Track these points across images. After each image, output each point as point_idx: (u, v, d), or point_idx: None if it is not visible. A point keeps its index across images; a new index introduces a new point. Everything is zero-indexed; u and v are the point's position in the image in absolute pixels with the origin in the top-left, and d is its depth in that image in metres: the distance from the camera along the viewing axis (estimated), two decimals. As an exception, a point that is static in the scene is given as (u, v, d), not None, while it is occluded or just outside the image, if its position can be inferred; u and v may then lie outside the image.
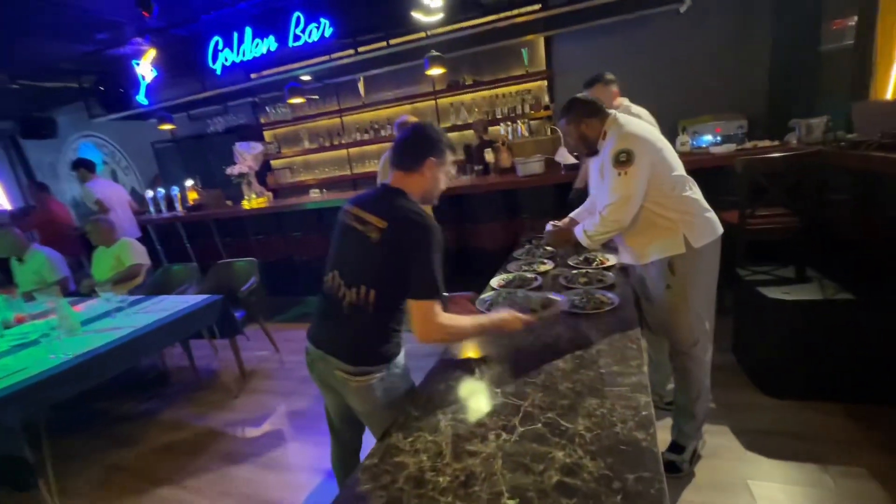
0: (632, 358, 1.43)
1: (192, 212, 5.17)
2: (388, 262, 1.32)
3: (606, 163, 1.78)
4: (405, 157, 1.44)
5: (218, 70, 4.82)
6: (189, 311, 2.70)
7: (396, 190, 1.43)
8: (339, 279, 1.40)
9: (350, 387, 1.39)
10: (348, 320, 1.37)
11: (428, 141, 1.44)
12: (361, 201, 1.45)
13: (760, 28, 4.52)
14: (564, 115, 1.91)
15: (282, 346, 3.77)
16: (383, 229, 1.33)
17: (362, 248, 1.36)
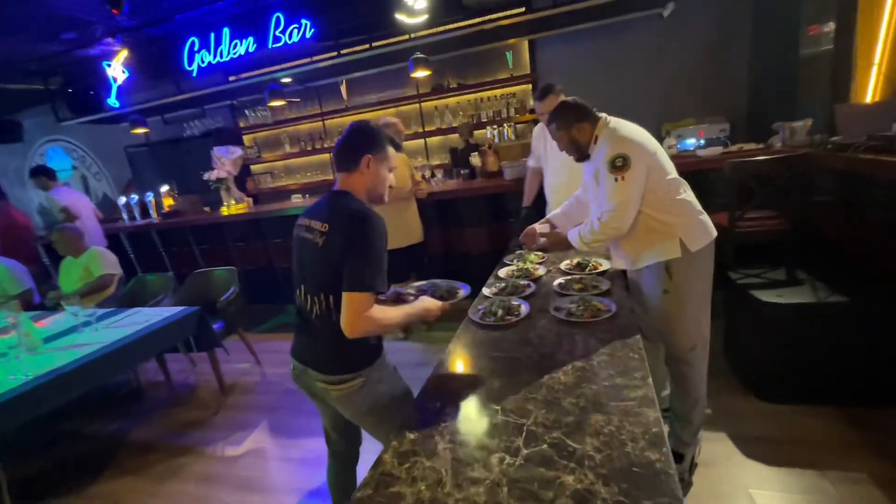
0: (635, 369, 1.37)
1: (167, 218, 4.97)
2: (334, 263, 1.31)
3: (601, 168, 1.74)
4: (343, 157, 1.44)
5: (194, 72, 4.65)
6: (163, 324, 2.55)
7: (341, 192, 1.43)
8: (305, 293, 1.42)
9: (332, 396, 1.41)
10: (319, 331, 1.39)
11: (363, 137, 1.43)
12: (310, 211, 1.46)
13: (740, 33, 4.60)
14: (554, 119, 1.89)
15: (263, 357, 3.63)
16: (325, 232, 1.34)
17: (314, 256, 1.36)
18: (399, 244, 3.44)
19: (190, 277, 3.49)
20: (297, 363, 1.50)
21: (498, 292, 2.12)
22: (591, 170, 1.93)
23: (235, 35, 4.41)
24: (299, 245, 1.45)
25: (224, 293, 3.29)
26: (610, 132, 1.77)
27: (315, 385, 1.44)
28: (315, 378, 1.42)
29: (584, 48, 5.03)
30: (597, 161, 1.78)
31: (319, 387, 1.42)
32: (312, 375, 1.43)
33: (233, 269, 3.44)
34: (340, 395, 1.39)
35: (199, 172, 5.05)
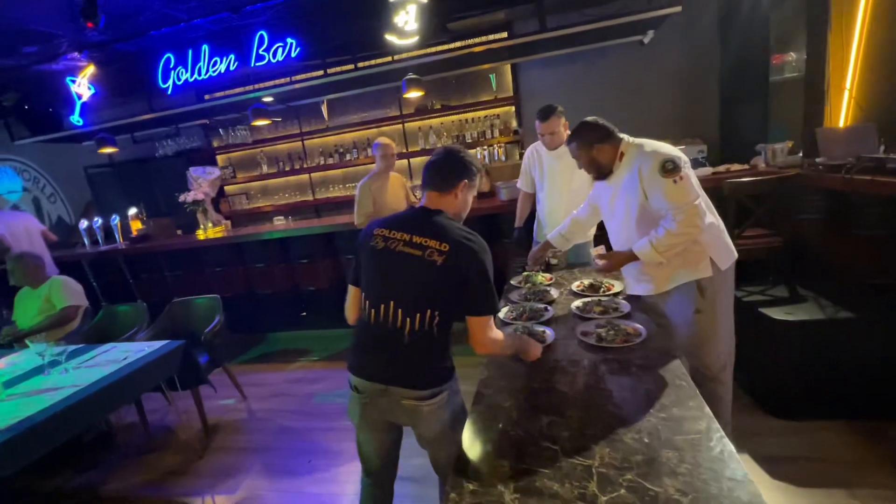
0: (688, 397, 1.32)
1: (135, 243, 4.64)
2: (451, 283, 1.35)
3: (652, 179, 1.71)
4: (439, 178, 1.47)
5: (169, 89, 4.43)
6: (146, 361, 2.30)
7: (437, 211, 1.46)
8: (396, 309, 1.38)
9: (422, 413, 1.40)
10: (411, 347, 1.38)
11: (462, 164, 1.49)
12: (404, 225, 1.44)
13: (711, 60, 4.85)
14: (574, 138, 1.92)
15: (249, 391, 3.38)
16: (447, 252, 1.35)
17: (424, 274, 1.36)
18: None
19: (168, 308, 3.22)
20: (371, 385, 1.42)
21: (516, 317, 2.05)
22: (611, 192, 1.92)
23: (215, 52, 4.25)
24: (395, 260, 1.40)
25: (207, 323, 3.05)
26: (639, 146, 1.80)
27: (401, 405, 1.40)
28: (403, 396, 1.39)
29: (566, 72, 5.17)
30: (635, 177, 1.76)
31: (408, 406, 1.39)
32: (397, 394, 1.39)
33: (216, 297, 3.21)
34: (432, 409, 1.39)
35: (171, 194, 4.78)
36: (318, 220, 5.09)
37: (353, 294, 1.54)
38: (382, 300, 1.40)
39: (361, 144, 5.85)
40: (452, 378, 1.46)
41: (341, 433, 2.63)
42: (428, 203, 1.48)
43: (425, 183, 1.51)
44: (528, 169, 2.95)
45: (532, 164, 2.92)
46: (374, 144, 3.41)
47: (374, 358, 1.42)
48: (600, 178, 1.93)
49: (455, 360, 1.48)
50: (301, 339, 4.33)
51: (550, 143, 2.71)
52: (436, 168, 1.49)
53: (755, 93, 4.27)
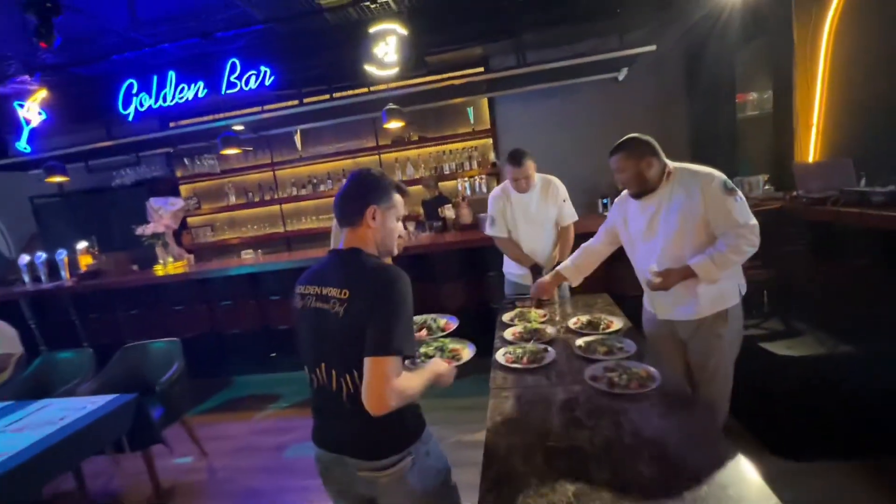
0: (728, 457, 1.18)
1: (84, 280, 4.22)
2: (356, 330, 1.15)
3: (711, 195, 1.74)
4: (345, 210, 1.30)
5: (130, 115, 4.16)
6: (89, 421, 1.97)
7: (350, 251, 1.27)
8: (329, 370, 1.22)
9: (381, 484, 1.22)
10: (353, 413, 1.18)
11: (366, 187, 1.30)
12: (316, 276, 1.29)
13: (679, 98, 5.06)
14: (622, 150, 1.87)
15: (209, 446, 3.00)
16: (346, 299, 1.18)
17: (336, 329, 1.18)
18: None
19: (119, 354, 2.87)
20: (325, 453, 1.27)
21: (515, 360, 1.89)
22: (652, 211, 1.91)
23: (183, 79, 4.05)
24: (313, 318, 1.23)
25: (164, 370, 2.72)
26: (686, 168, 1.85)
27: (355, 476, 1.23)
28: (356, 467, 1.22)
29: (543, 106, 5.26)
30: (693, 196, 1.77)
31: (363, 476, 1.22)
32: (351, 464, 1.22)
33: (175, 342, 2.89)
34: (390, 480, 1.21)
35: (128, 226, 4.42)
36: (289, 254, 4.83)
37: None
38: (315, 363, 1.24)
39: (336, 175, 5.70)
40: (418, 440, 1.26)
41: (317, 493, 2.32)
42: (345, 243, 1.28)
43: (337, 221, 1.32)
44: (501, 214, 2.77)
45: (503, 207, 2.77)
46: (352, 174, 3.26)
47: (325, 424, 1.29)
48: (641, 194, 1.88)
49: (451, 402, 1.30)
50: (270, 382, 3.98)
51: (525, 186, 2.64)
52: (339, 200, 1.30)
53: (724, 129, 4.44)
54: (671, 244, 1.85)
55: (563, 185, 2.79)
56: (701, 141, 4.93)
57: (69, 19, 3.01)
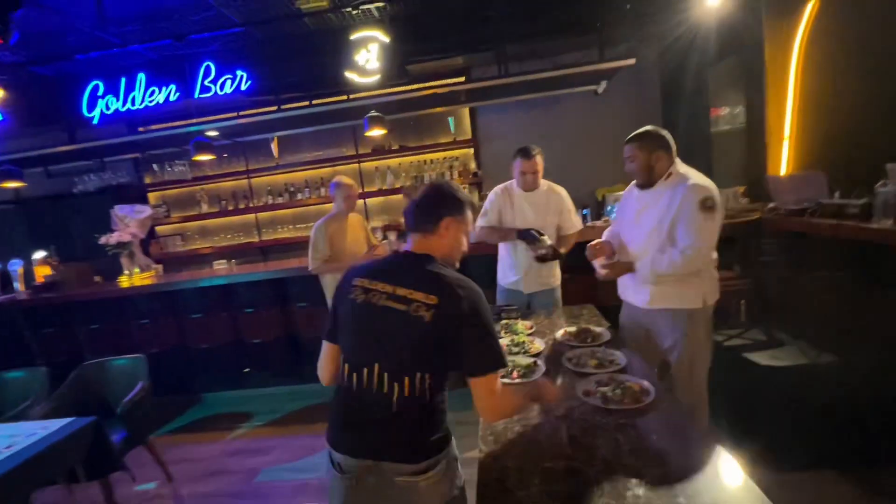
0: (731, 476, 1.14)
1: (41, 292, 3.95)
2: (443, 341, 1.17)
3: (690, 206, 1.84)
4: (421, 218, 1.31)
5: (95, 118, 3.95)
6: (41, 448, 1.79)
7: (425, 256, 1.28)
8: (381, 373, 1.19)
9: (419, 490, 1.19)
10: (401, 416, 1.18)
11: (444, 199, 1.32)
12: (382, 273, 1.26)
13: (654, 112, 5.17)
14: (638, 140, 1.98)
15: (176, 470, 2.81)
16: (436, 305, 1.16)
17: (412, 331, 1.17)
18: None
19: (77, 372, 2.66)
20: (356, 462, 1.20)
21: (504, 374, 1.83)
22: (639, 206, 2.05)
23: (153, 82, 3.88)
24: (374, 315, 1.21)
25: (126, 390, 2.54)
26: (686, 173, 1.94)
27: (391, 484, 1.18)
28: (396, 472, 1.18)
29: (524, 117, 5.29)
30: (675, 201, 1.88)
31: (401, 483, 1.17)
32: (390, 471, 1.18)
33: (139, 358, 2.70)
34: (429, 484, 1.19)
35: (91, 235, 4.17)
36: (264, 265, 4.66)
37: (329, 351, 1.35)
38: (365, 363, 1.21)
39: (314, 183, 5.56)
40: (449, 444, 1.27)
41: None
42: (414, 247, 1.31)
43: (407, 225, 1.34)
44: (496, 208, 2.76)
45: (501, 204, 2.77)
46: (333, 184, 3.16)
47: (360, 430, 1.22)
48: (647, 185, 1.99)
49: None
50: (243, 399, 3.79)
51: (532, 182, 2.63)
52: (416, 208, 1.32)
53: (699, 142, 4.55)
54: (647, 236, 1.98)
55: (568, 197, 2.77)
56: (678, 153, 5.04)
57: (30, 14, 2.83)
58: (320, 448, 2.96)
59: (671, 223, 1.89)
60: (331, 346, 1.35)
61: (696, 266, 1.86)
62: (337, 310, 1.31)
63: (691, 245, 1.84)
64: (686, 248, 1.84)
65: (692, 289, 1.93)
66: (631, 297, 2.12)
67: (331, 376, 1.36)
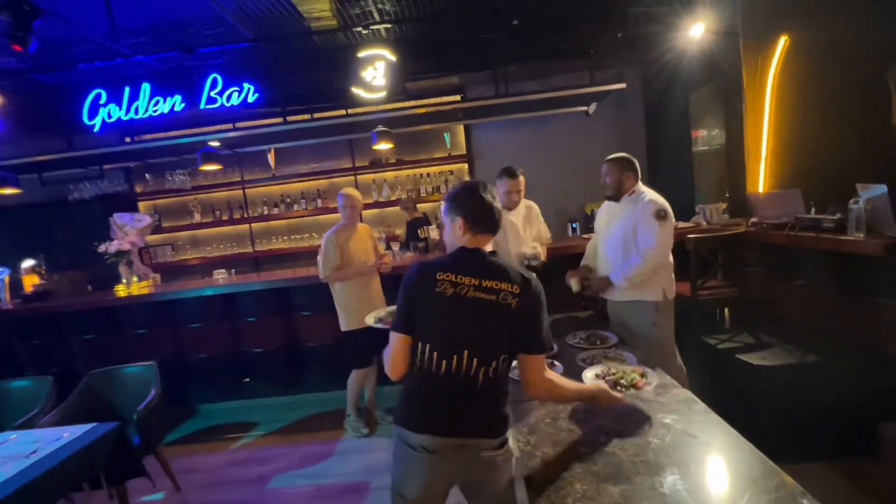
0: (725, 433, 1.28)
1: (30, 302, 3.85)
2: (522, 324, 1.33)
3: (645, 216, 2.28)
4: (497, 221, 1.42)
5: (96, 126, 3.92)
6: (68, 453, 1.79)
7: (489, 252, 1.41)
8: (471, 358, 1.30)
9: (497, 465, 1.31)
10: (483, 395, 1.32)
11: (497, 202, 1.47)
12: (469, 269, 1.34)
13: (640, 132, 5.49)
14: (613, 161, 2.44)
15: (183, 480, 2.78)
16: (519, 294, 1.31)
17: (501, 318, 1.31)
18: (363, 324, 3.08)
19: (86, 380, 2.62)
20: (444, 441, 1.28)
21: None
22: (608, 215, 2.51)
23: (158, 91, 3.90)
24: (470, 306, 1.31)
25: (136, 398, 2.53)
26: (643, 192, 2.38)
27: (476, 459, 1.29)
28: (481, 448, 1.29)
29: (517, 135, 5.52)
30: (635, 213, 2.32)
31: (484, 457, 1.29)
32: (474, 446, 1.29)
33: (151, 365, 2.70)
34: (503, 459, 1.32)
35: (81, 244, 4.10)
36: (262, 275, 4.66)
37: (402, 343, 1.35)
38: (456, 350, 1.30)
39: (310, 195, 5.62)
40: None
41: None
42: (480, 244, 1.39)
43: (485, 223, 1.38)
44: None
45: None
46: (339, 195, 3.24)
47: (448, 411, 1.31)
48: (615, 197, 2.44)
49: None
50: (244, 409, 3.76)
51: (517, 200, 2.84)
52: (493, 210, 1.39)
53: (681, 161, 4.86)
54: (613, 242, 2.42)
55: (538, 208, 3.05)
56: (661, 171, 5.35)
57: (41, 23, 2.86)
58: (329, 455, 2.98)
59: (632, 231, 2.32)
60: (404, 337, 1.34)
61: (655, 264, 2.28)
62: (414, 303, 1.33)
63: (649, 248, 2.25)
64: (646, 252, 2.26)
65: (654, 286, 2.34)
66: (611, 294, 2.50)
67: (403, 370, 1.36)
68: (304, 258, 5.49)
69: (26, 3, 2.57)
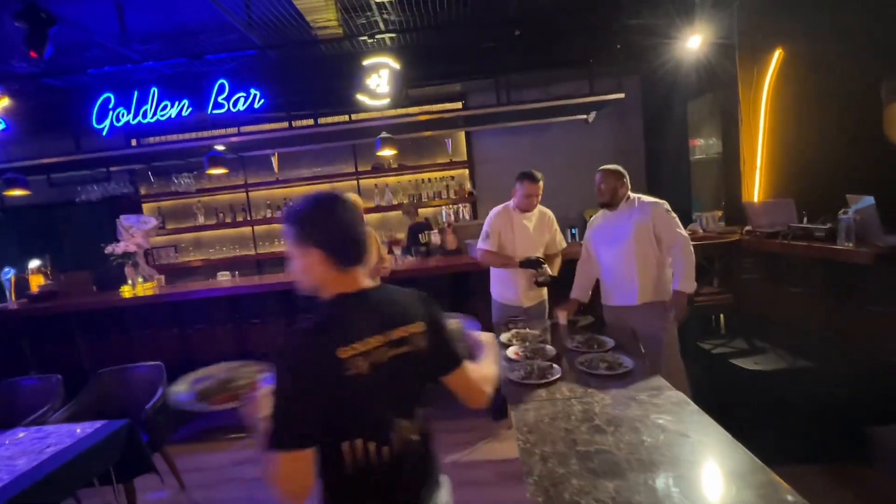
0: (716, 432, 1.35)
1: (36, 302, 3.90)
2: (434, 355, 1.14)
3: (657, 217, 2.44)
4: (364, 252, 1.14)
5: (105, 130, 4.00)
6: (81, 449, 1.85)
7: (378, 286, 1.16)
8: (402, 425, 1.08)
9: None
10: (427, 449, 1.17)
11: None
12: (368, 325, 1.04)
13: (638, 141, 5.58)
14: (609, 172, 2.56)
15: (188, 478, 2.83)
16: (426, 329, 1.12)
17: (417, 366, 1.11)
18: None
19: (95, 378, 2.69)
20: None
21: (526, 376, 2.01)
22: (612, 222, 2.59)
23: (166, 96, 3.97)
24: (390, 371, 1.04)
25: (143, 397, 2.58)
26: (639, 196, 2.54)
27: None
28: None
29: (517, 142, 5.61)
30: (642, 216, 2.45)
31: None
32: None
33: (158, 365, 2.76)
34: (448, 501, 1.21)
35: (87, 245, 4.18)
36: (265, 276, 4.72)
37: (305, 460, 0.94)
38: (393, 423, 1.06)
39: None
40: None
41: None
42: (351, 284, 1.09)
43: (342, 254, 1.06)
44: (496, 229, 2.94)
45: (502, 225, 2.95)
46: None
47: (406, 487, 1.11)
48: (608, 205, 2.56)
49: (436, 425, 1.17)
50: (247, 410, 3.80)
51: (532, 204, 2.87)
52: (360, 238, 1.09)
53: (679, 170, 4.94)
54: (625, 246, 2.48)
55: (555, 218, 3.07)
56: (658, 179, 5.43)
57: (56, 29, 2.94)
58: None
59: (650, 231, 2.43)
60: (305, 453, 0.94)
61: (692, 251, 2.39)
62: (315, 403, 0.95)
63: (684, 240, 2.39)
64: (683, 245, 2.38)
65: (668, 283, 2.42)
66: (618, 300, 2.54)
67: (311, 482, 0.98)
68: (305, 261, 5.54)
69: (43, 12, 2.64)
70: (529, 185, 2.82)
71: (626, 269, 2.46)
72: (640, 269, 2.43)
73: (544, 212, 3.02)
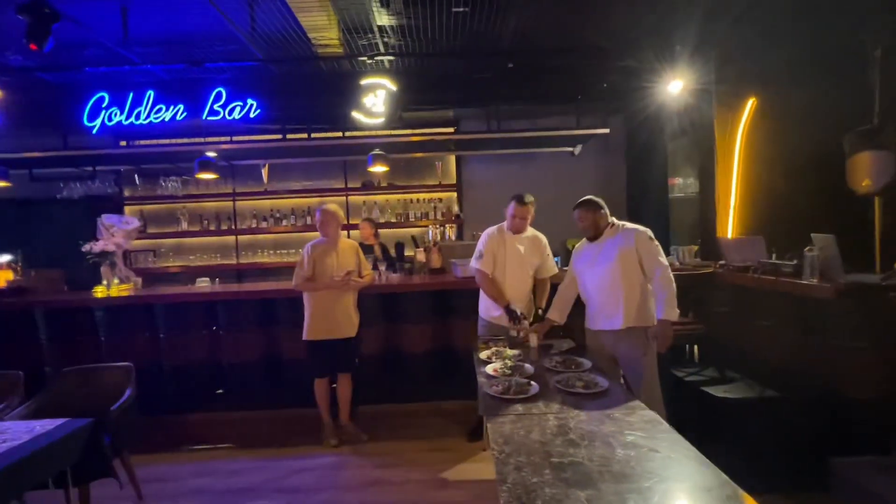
0: (683, 447, 1.39)
1: (2, 297, 3.76)
2: None
3: (640, 244, 2.47)
4: None
5: (95, 128, 3.98)
6: (41, 445, 1.77)
7: None
8: None
9: None
10: None
11: None
12: None
13: (620, 176, 5.80)
14: (584, 206, 2.60)
15: (148, 490, 2.70)
16: None
17: None
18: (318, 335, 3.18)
19: (60, 377, 2.58)
20: None
21: (504, 391, 2.03)
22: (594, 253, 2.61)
23: (162, 100, 4.00)
24: None
25: (109, 399, 2.48)
26: (622, 224, 2.59)
27: None
28: None
29: (505, 170, 5.77)
30: (625, 243, 2.49)
31: None
32: None
33: (128, 366, 2.67)
34: None
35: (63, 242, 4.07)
36: (236, 285, 4.66)
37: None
38: None
39: (300, 211, 5.70)
40: None
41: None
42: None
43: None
44: (490, 249, 3.00)
45: (496, 245, 3.02)
46: (317, 211, 3.27)
47: None
48: (595, 237, 2.59)
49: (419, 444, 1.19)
50: (218, 422, 3.68)
51: (522, 226, 2.95)
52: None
53: (658, 206, 5.15)
54: (609, 271, 2.52)
55: (548, 244, 3.14)
56: (639, 213, 5.62)
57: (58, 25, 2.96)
58: (300, 470, 2.95)
59: (633, 256, 2.46)
60: None
61: (672, 278, 2.43)
62: None
63: (665, 268, 2.42)
64: (663, 273, 2.41)
65: (650, 309, 2.47)
66: (602, 324, 2.55)
67: None
68: (287, 273, 5.43)
69: (47, 6, 2.68)
70: (517, 207, 2.90)
71: (611, 293, 2.48)
72: (626, 294, 2.45)
73: (538, 236, 3.09)
